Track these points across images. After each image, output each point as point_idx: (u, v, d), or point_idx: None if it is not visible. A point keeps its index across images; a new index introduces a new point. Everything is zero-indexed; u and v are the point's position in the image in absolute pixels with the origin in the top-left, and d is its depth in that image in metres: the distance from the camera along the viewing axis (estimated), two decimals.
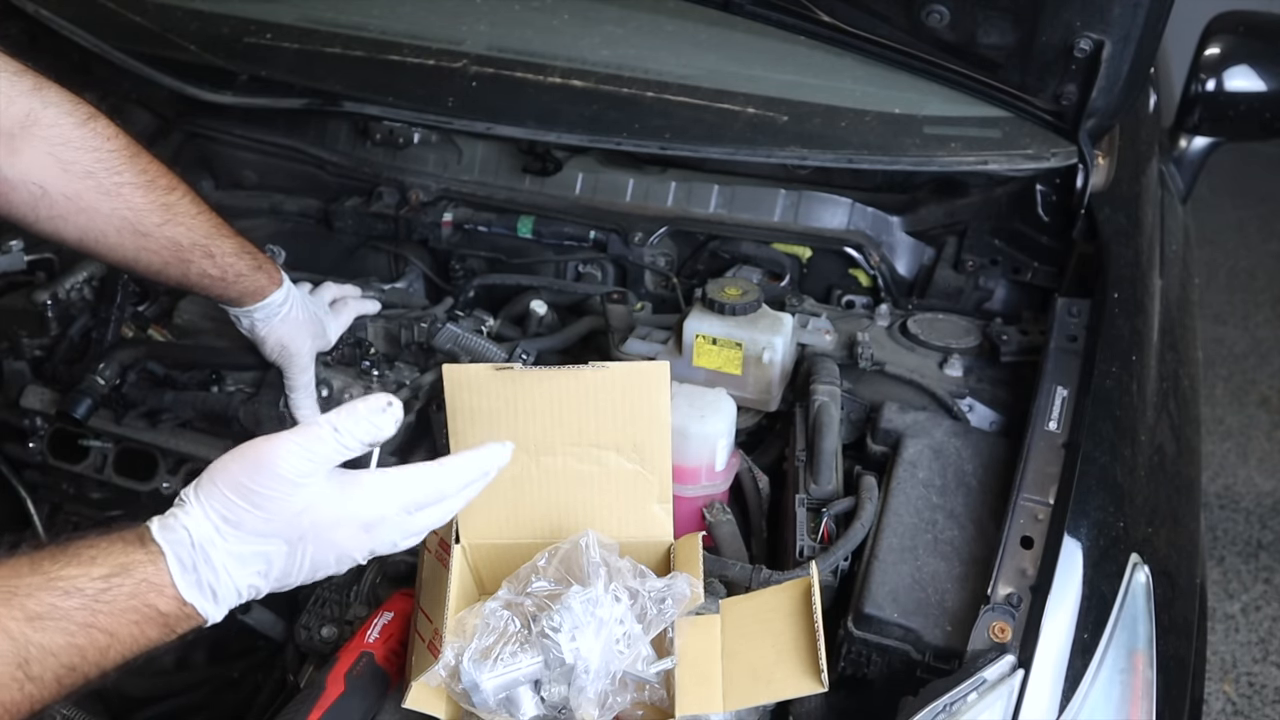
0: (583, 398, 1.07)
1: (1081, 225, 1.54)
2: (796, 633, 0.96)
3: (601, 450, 1.08)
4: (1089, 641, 1.06)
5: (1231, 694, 2.59)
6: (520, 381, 1.06)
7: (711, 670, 0.97)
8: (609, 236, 1.69)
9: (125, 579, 0.80)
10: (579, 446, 1.09)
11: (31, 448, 1.53)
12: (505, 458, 0.97)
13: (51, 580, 0.78)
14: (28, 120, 1.12)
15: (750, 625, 1.00)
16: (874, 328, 1.54)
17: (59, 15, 1.84)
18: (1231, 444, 3.36)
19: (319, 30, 1.82)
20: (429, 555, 1.09)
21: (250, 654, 1.49)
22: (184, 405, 1.47)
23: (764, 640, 0.98)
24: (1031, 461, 1.21)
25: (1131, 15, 1.34)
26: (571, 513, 1.11)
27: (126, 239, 1.21)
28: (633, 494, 1.10)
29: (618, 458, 1.08)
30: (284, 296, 1.36)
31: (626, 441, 1.08)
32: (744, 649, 0.99)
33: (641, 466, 1.09)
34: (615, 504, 1.10)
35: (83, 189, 1.16)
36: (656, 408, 1.07)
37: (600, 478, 1.09)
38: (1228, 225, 4.45)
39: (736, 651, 0.99)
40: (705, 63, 1.71)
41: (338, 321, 1.47)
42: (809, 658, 0.94)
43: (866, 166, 1.59)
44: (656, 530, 1.11)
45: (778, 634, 0.98)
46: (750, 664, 0.98)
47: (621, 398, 1.05)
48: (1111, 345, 1.34)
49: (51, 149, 1.14)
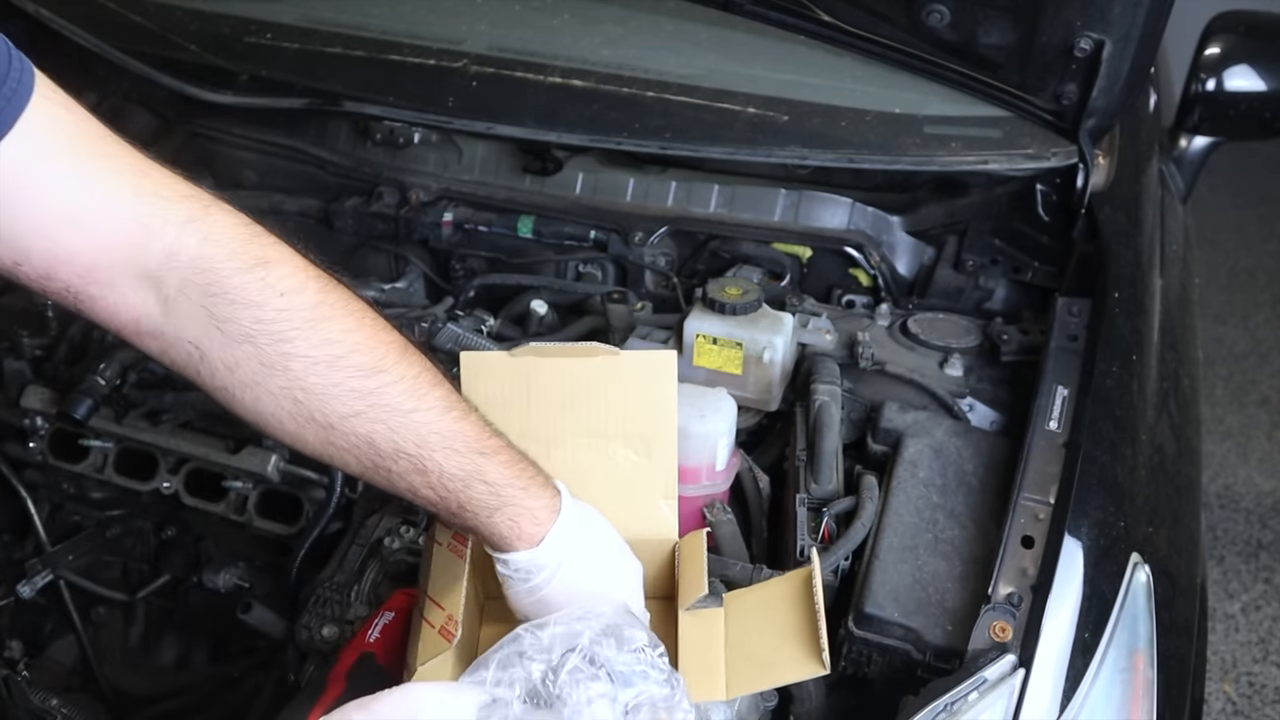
0: (592, 386, 1.08)
1: (1082, 225, 1.54)
2: (798, 619, 0.97)
3: (609, 442, 1.09)
4: (1090, 641, 1.06)
5: (1231, 694, 2.59)
6: (532, 370, 1.07)
7: (714, 660, 0.97)
8: (609, 236, 1.69)
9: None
10: (587, 438, 1.09)
11: (32, 448, 1.53)
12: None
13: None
14: (175, 260, 0.84)
15: (753, 615, 1.01)
16: (874, 327, 1.53)
17: (59, 15, 1.84)
18: (1231, 444, 3.36)
19: (319, 30, 1.82)
20: (439, 548, 1.09)
21: (250, 654, 1.49)
22: (185, 405, 1.47)
23: (767, 628, 0.99)
24: (1032, 461, 1.21)
25: (1131, 15, 1.34)
26: None
27: (307, 430, 0.89)
28: (638, 490, 1.10)
29: (625, 450, 1.09)
30: (547, 562, 0.96)
31: (634, 432, 1.09)
32: (747, 638, 0.99)
33: (647, 459, 1.10)
34: (620, 500, 1.10)
35: (241, 357, 0.86)
36: (664, 397, 1.08)
37: (606, 471, 1.10)
38: (1228, 225, 4.45)
39: (739, 641, 0.99)
40: (705, 63, 1.71)
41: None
42: (810, 641, 0.94)
43: (867, 166, 1.59)
44: (661, 528, 1.11)
45: (780, 622, 0.98)
46: (753, 652, 0.98)
47: (630, 386, 1.06)
48: (1112, 345, 1.34)
49: (205, 300, 0.85)
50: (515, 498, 0.94)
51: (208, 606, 1.54)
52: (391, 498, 1.36)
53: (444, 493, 0.92)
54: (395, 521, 1.32)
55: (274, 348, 0.86)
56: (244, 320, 0.85)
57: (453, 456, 0.91)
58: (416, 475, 0.91)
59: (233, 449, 1.44)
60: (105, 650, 1.59)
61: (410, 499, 0.94)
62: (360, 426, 0.89)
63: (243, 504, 1.45)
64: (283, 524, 1.44)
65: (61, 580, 1.53)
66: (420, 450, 0.90)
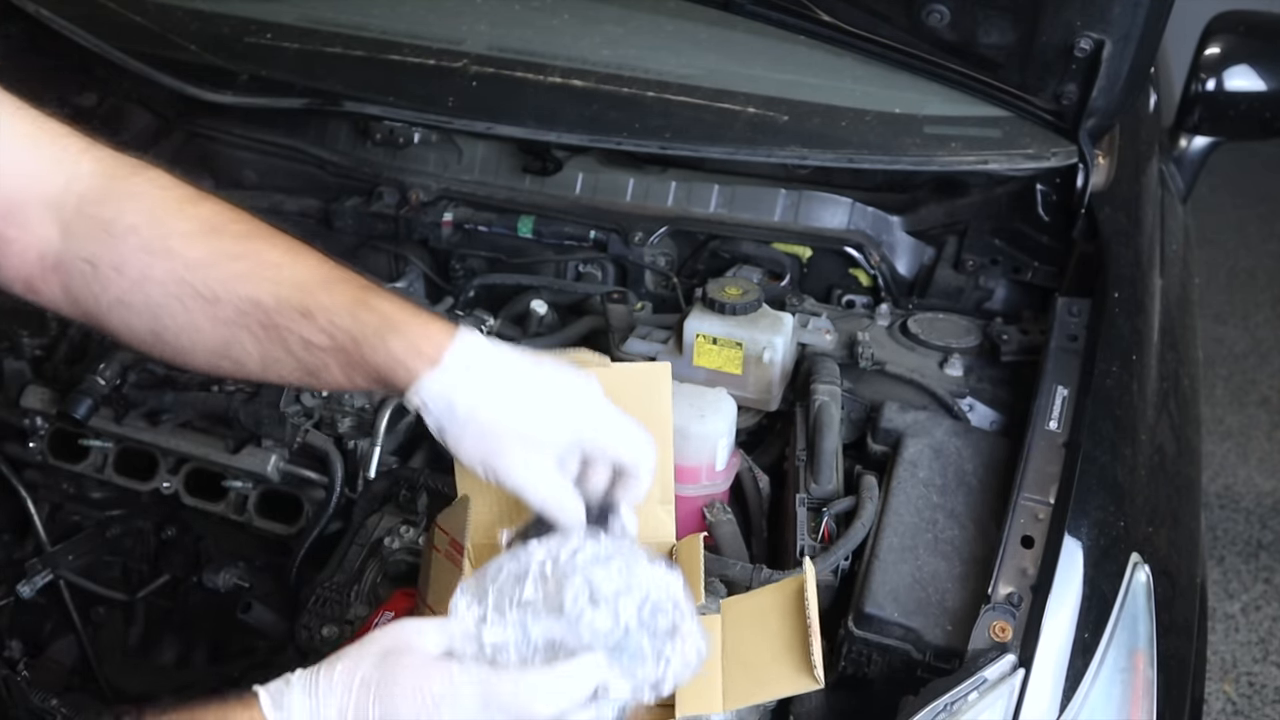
0: None
1: (1082, 225, 1.54)
2: (792, 631, 0.96)
3: None
4: (1089, 641, 1.06)
5: (1231, 694, 2.59)
6: None
7: (712, 670, 0.97)
8: (609, 236, 1.69)
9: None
10: None
11: (31, 448, 1.53)
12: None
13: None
14: (74, 183, 0.94)
15: (748, 624, 1.00)
16: (874, 327, 1.54)
17: (59, 15, 1.83)
18: (1231, 444, 3.36)
19: (319, 30, 1.82)
20: (438, 555, 1.09)
21: (250, 654, 1.49)
22: (184, 405, 1.47)
23: (761, 639, 0.98)
24: (1032, 461, 1.21)
25: (1131, 15, 1.34)
26: None
27: (198, 315, 0.92)
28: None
29: None
30: (459, 380, 0.90)
31: None
32: (743, 648, 0.99)
33: None
34: None
35: (127, 252, 0.92)
36: (659, 409, 1.07)
37: None
38: (1228, 225, 4.45)
39: (735, 651, 0.99)
40: (705, 63, 1.71)
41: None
42: (802, 655, 0.94)
43: (867, 166, 1.59)
44: (659, 531, 1.11)
45: (774, 632, 0.98)
46: (748, 663, 0.98)
47: (623, 398, 1.05)
48: (1112, 345, 1.34)
49: (96, 208, 0.93)
50: (406, 322, 0.91)
51: (208, 606, 1.54)
52: (391, 497, 1.36)
53: (334, 331, 0.90)
54: (395, 521, 1.32)
55: (155, 230, 0.92)
56: (128, 212, 0.92)
57: (336, 292, 0.91)
58: (304, 323, 0.90)
59: (233, 449, 1.45)
60: (105, 650, 1.59)
61: (310, 363, 0.92)
62: (243, 288, 0.91)
63: (243, 504, 1.45)
64: (283, 524, 1.44)
65: (61, 580, 1.53)
66: (303, 295, 0.91)
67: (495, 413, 0.91)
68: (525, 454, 0.91)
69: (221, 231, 0.93)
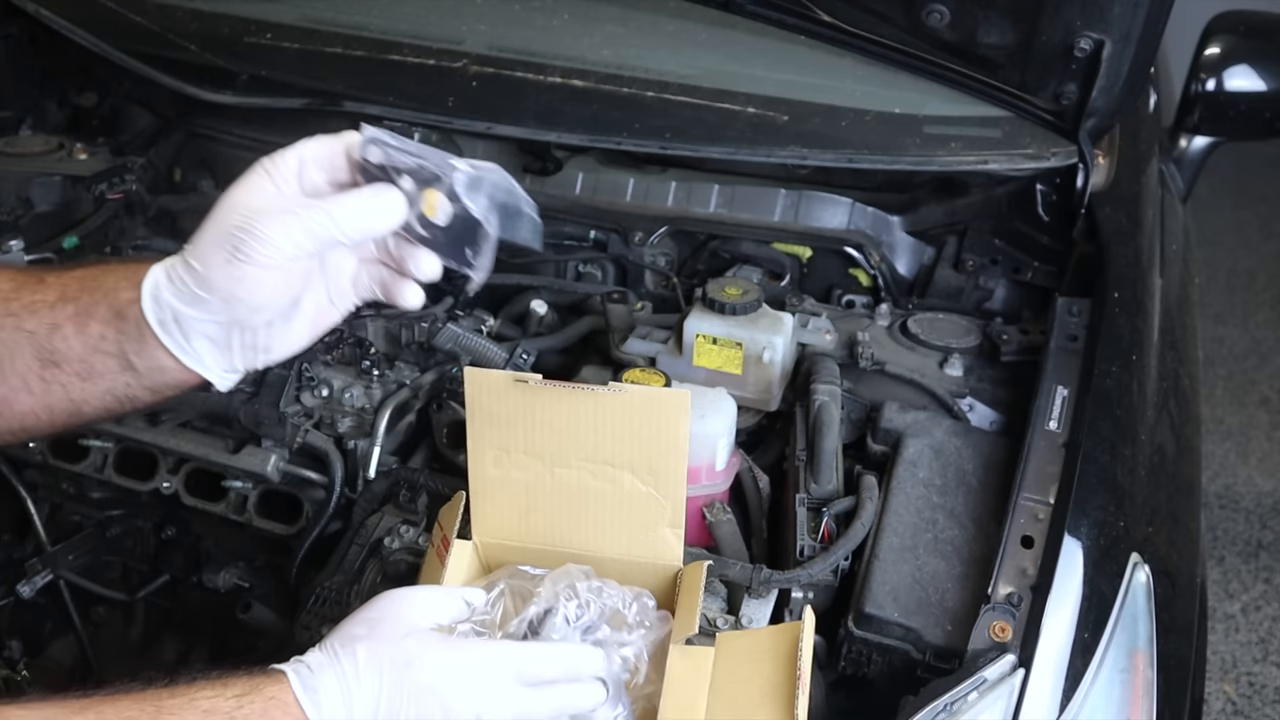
0: (600, 417, 1.06)
1: (1081, 225, 1.54)
2: (782, 678, 0.95)
3: (616, 469, 1.07)
4: (1089, 641, 1.06)
5: (1231, 694, 2.59)
6: (538, 394, 1.05)
7: (697, 703, 0.97)
8: (609, 236, 1.69)
9: (256, 696, 0.85)
10: (593, 463, 1.08)
11: (31, 447, 1.53)
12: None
13: (193, 700, 0.83)
14: None
15: (741, 664, 0.99)
16: (874, 327, 1.54)
17: (59, 15, 1.83)
18: (1231, 444, 3.36)
19: (319, 30, 1.82)
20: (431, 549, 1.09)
21: (250, 653, 1.49)
22: (184, 405, 1.47)
23: (751, 679, 0.97)
24: (1032, 461, 1.21)
25: (1131, 15, 1.34)
26: (581, 526, 1.10)
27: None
28: (644, 516, 1.09)
29: (632, 478, 1.07)
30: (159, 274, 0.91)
31: (641, 463, 1.07)
32: (731, 687, 0.98)
33: (655, 490, 1.08)
34: (626, 523, 1.09)
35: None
36: (674, 435, 1.05)
37: (612, 495, 1.08)
38: (1228, 225, 4.45)
39: (724, 688, 0.98)
40: (705, 62, 1.71)
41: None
42: (787, 706, 0.93)
43: (866, 166, 1.59)
44: (666, 554, 1.10)
45: (765, 676, 0.96)
46: (734, 701, 0.97)
47: (639, 422, 1.04)
48: (1112, 345, 1.34)
49: None
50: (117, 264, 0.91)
51: (208, 606, 1.54)
52: (391, 497, 1.36)
53: (65, 283, 0.91)
54: (395, 521, 1.32)
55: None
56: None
57: (60, 270, 0.93)
58: (40, 288, 0.91)
59: (233, 449, 1.44)
60: (105, 650, 1.59)
61: (46, 341, 0.90)
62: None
63: (242, 504, 1.45)
64: (283, 524, 1.44)
65: (61, 580, 1.53)
66: (34, 274, 0.92)
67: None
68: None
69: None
